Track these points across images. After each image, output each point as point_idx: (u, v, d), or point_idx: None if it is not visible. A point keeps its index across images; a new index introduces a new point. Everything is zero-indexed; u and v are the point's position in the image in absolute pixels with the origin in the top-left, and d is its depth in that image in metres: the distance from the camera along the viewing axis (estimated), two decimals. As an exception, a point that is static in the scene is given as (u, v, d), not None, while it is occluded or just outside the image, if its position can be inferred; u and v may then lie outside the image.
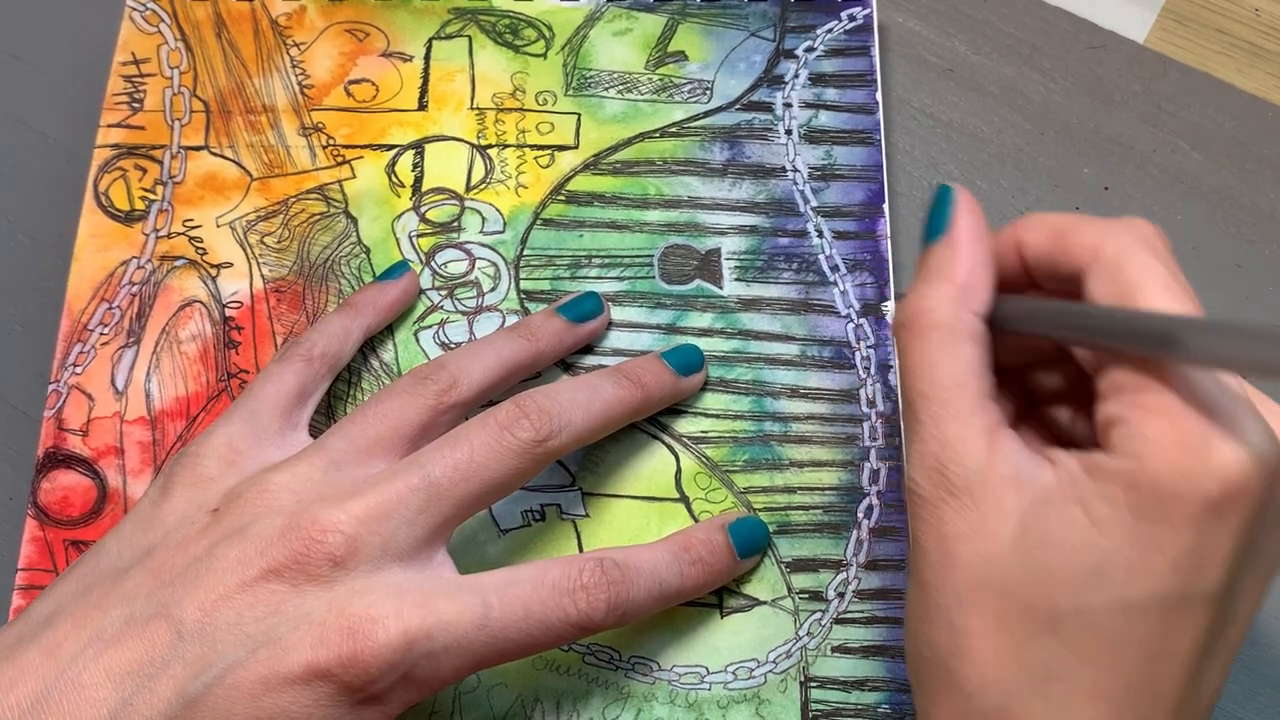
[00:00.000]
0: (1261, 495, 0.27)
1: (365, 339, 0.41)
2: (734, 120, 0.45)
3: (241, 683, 0.31)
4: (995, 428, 0.30)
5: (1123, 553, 0.28)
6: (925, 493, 0.31)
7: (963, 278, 0.32)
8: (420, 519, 0.33)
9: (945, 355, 0.31)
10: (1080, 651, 0.28)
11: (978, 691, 0.29)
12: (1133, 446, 0.28)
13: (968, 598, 0.29)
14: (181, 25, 0.46)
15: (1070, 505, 0.28)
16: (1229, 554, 0.27)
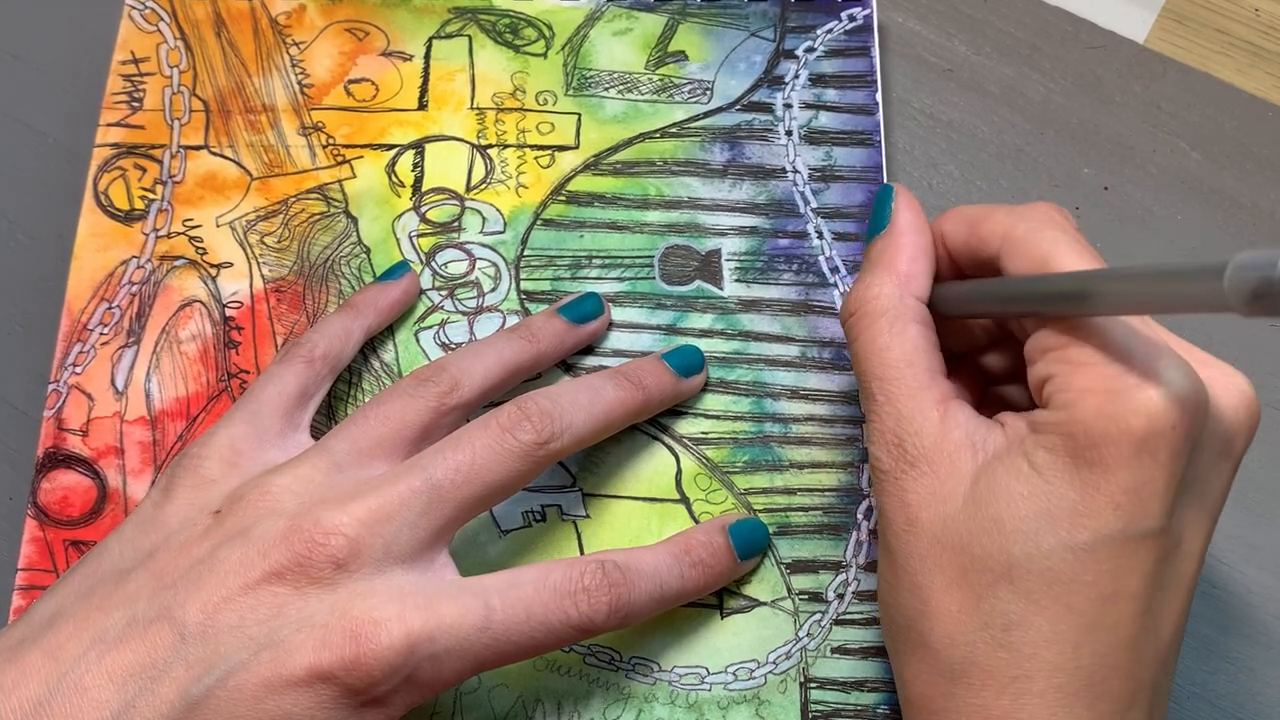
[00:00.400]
0: (1187, 428, 0.29)
1: (366, 339, 0.41)
2: (734, 121, 0.45)
3: (244, 685, 0.31)
4: (946, 400, 0.33)
5: (1066, 496, 0.30)
6: (886, 466, 0.33)
7: (904, 266, 0.35)
8: (422, 521, 0.33)
9: (893, 338, 0.34)
10: (1036, 597, 0.30)
11: (944, 647, 0.31)
12: (1063, 399, 0.30)
13: (929, 558, 0.31)
14: (181, 24, 0.46)
15: (1016, 458, 0.31)
16: (1165, 488, 0.29)
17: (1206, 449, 0.31)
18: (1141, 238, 0.45)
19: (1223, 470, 0.31)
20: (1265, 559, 0.41)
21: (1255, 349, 0.43)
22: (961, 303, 0.35)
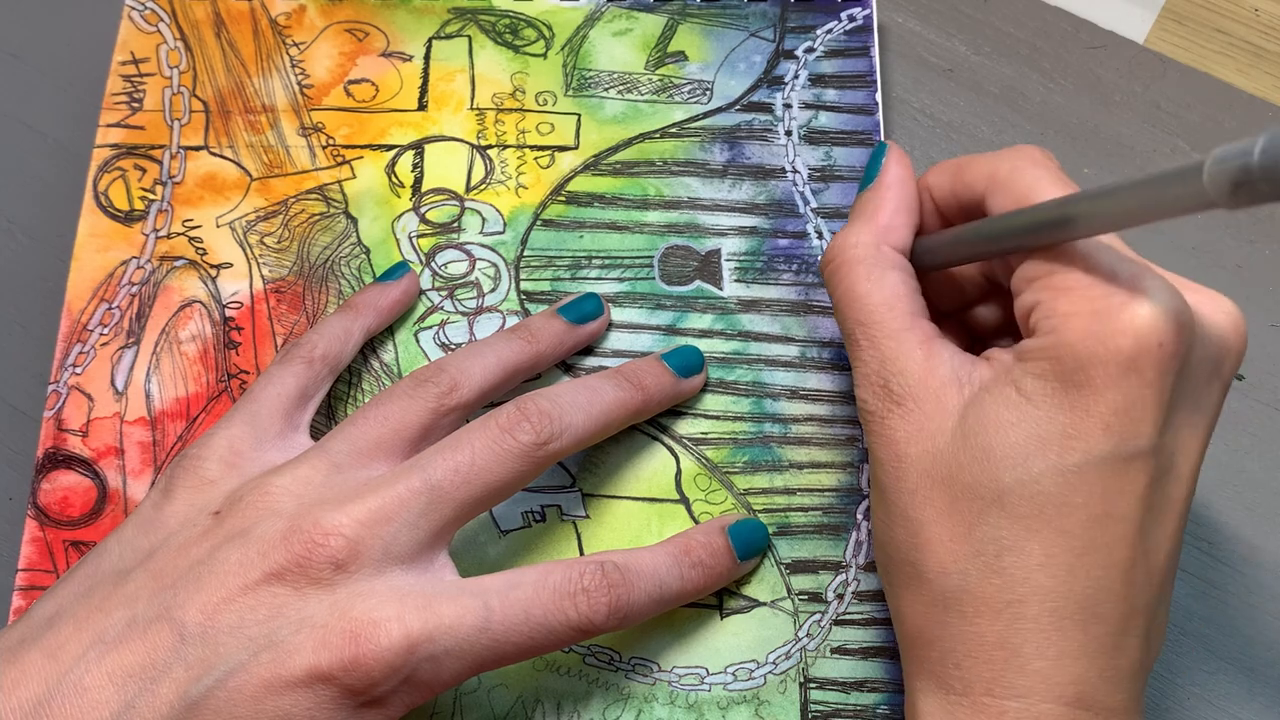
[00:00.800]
0: (1174, 347, 0.29)
1: (366, 340, 0.41)
2: (734, 121, 0.45)
3: (244, 686, 0.31)
4: (929, 339, 0.33)
5: (1055, 419, 0.30)
6: (873, 408, 0.33)
7: (884, 219, 0.36)
8: (422, 522, 0.33)
9: (872, 284, 0.34)
10: (1027, 522, 0.30)
11: (937, 576, 0.31)
12: (1050, 324, 0.30)
13: (920, 492, 0.32)
14: (181, 25, 0.46)
15: (1004, 387, 0.31)
16: (1154, 408, 0.29)
17: (1195, 370, 0.31)
18: (1142, 238, 0.45)
19: (1212, 391, 0.32)
20: (1265, 559, 0.41)
21: (1255, 349, 0.43)
22: (949, 250, 0.35)
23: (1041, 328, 0.31)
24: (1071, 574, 0.30)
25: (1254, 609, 0.40)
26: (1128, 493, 0.30)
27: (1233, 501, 0.41)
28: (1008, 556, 0.30)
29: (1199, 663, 0.40)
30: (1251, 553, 0.41)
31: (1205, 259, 0.44)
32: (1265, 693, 0.39)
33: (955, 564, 0.31)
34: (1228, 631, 0.40)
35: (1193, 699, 0.39)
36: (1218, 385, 0.32)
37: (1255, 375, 0.43)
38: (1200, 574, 0.41)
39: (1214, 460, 0.42)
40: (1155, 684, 0.39)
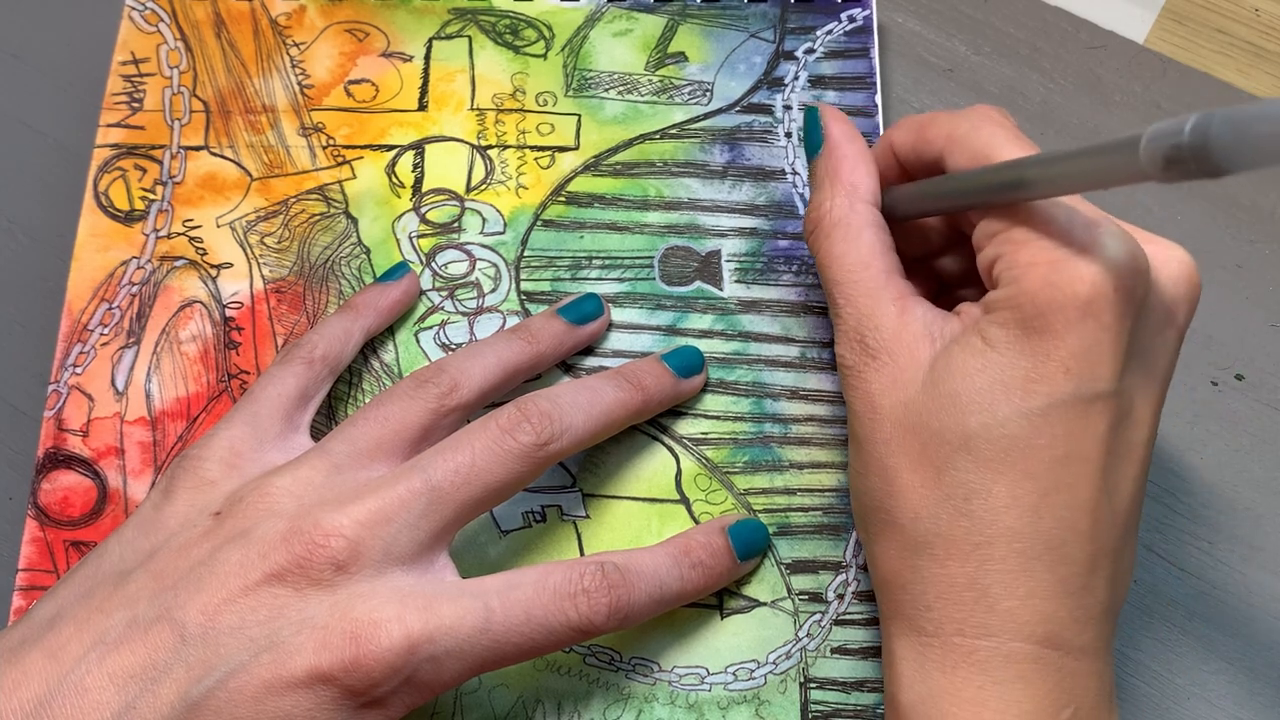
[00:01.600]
0: (1129, 290, 0.31)
1: (366, 340, 0.41)
2: (734, 122, 0.45)
3: (244, 687, 0.31)
4: (903, 296, 0.34)
5: (1018, 365, 0.31)
6: (850, 362, 0.35)
7: (847, 176, 0.37)
8: (422, 523, 0.33)
9: (849, 245, 0.35)
10: (993, 465, 0.31)
11: (909, 522, 0.32)
12: (1010, 275, 0.31)
13: (893, 441, 0.33)
14: (181, 25, 0.46)
15: (971, 337, 0.32)
16: (1112, 351, 0.31)
17: (1150, 318, 0.32)
18: (1141, 238, 0.45)
19: (1168, 339, 0.33)
20: (1265, 559, 0.41)
21: (1256, 349, 0.43)
22: (912, 203, 0.36)
23: (1003, 279, 0.32)
24: (1037, 515, 0.31)
25: (1254, 609, 0.40)
26: (1090, 434, 0.31)
27: (1233, 501, 0.41)
28: (975, 500, 0.31)
29: (1199, 663, 0.40)
30: (1251, 553, 0.41)
31: (1205, 259, 0.44)
32: (1265, 693, 0.39)
33: (926, 509, 0.32)
34: (1228, 631, 0.40)
35: (1193, 699, 0.39)
36: (1173, 333, 0.33)
37: (1255, 375, 0.43)
38: (1200, 574, 0.41)
39: (1214, 460, 0.42)
40: (1155, 684, 0.39)
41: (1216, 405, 0.43)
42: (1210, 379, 0.43)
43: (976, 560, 0.31)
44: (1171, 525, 0.41)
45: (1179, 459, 0.42)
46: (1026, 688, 0.31)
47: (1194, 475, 0.42)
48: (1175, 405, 0.42)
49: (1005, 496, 0.31)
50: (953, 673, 0.32)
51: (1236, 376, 0.43)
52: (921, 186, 0.36)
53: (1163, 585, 0.40)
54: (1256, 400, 0.43)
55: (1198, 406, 0.42)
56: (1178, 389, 0.43)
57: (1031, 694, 0.31)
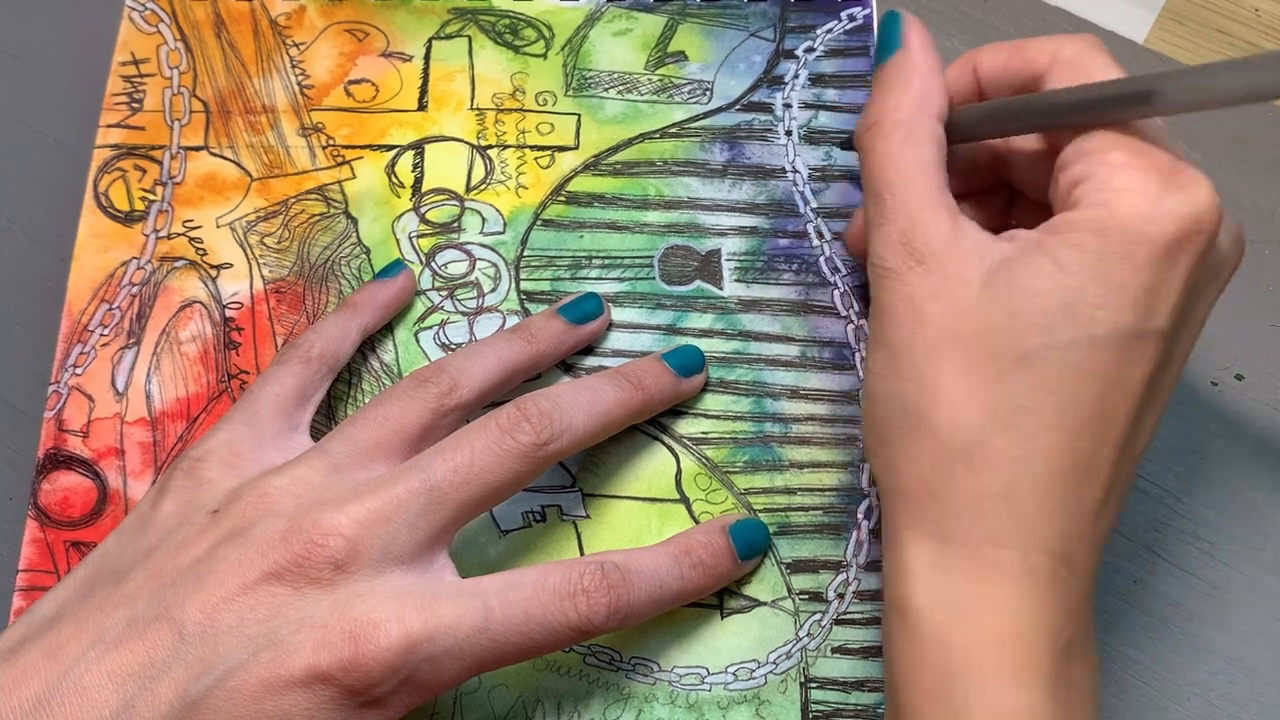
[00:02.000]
0: (1208, 241, 0.31)
1: (364, 338, 0.41)
2: (734, 121, 0.45)
3: (243, 685, 0.31)
4: (955, 212, 0.34)
5: (1089, 291, 0.31)
6: (892, 264, 0.34)
7: (919, 85, 0.35)
8: (421, 523, 0.33)
9: (909, 149, 0.34)
10: (1049, 384, 0.31)
11: (949, 430, 0.32)
12: (1101, 197, 0.31)
13: (940, 349, 0.32)
14: (181, 25, 0.46)
15: (1036, 256, 0.32)
16: (1177, 294, 0.31)
17: (1208, 269, 0.33)
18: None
19: (1211, 293, 0.34)
20: (1265, 559, 0.41)
21: (1255, 349, 0.43)
22: (993, 120, 0.35)
23: (1091, 200, 0.32)
24: (1077, 437, 0.31)
25: (1254, 609, 0.40)
26: (1138, 369, 0.32)
27: (1233, 501, 0.41)
28: (1023, 415, 0.31)
29: (1199, 663, 0.40)
30: (1251, 553, 0.41)
31: (1205, 259, 0.44)
32: (1265, 693, 0.39)
33: (970, 418, 0.32)
34: (1228, 631, 0.40)
35: (1193, 699, 0.39)
36: (1215, 289, 0.34)
37: (1255, 375, 0.43)
38: (1200, 574, 0.41)
39: (1214, 460, 0.42)
40: (1155, 684, 0.39)
41: (1216, 405, 0.43)
42: (1210, 379, 0.43)
43: (1014, 472, 0.31)
44: (1171, 525, 0.41)
45: (1179, 459, 0.42)
46: (1044, 600, 0.31)
47: (1194, 475, 0.42)
48: (1175, 405, 0.42)
49: (1053, 415, 0.31)
50: (976, 578, 0.32)
51: (1236, 376, 0.43)
52: (1010, 101, 0.35)
53: (1163, 585, 0.40)
54: (1256, 400, 0.43)
55: (1198, 406, 0.42)
56: (1178, 389, 0.43)
57: (1046, 608, 0.31)
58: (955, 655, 0.31)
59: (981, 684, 0.31)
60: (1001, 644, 0.31)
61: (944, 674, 0.32)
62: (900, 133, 0.35)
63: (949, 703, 0.31)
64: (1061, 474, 0.31)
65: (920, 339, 0.33)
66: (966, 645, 0.31)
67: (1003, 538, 0.32)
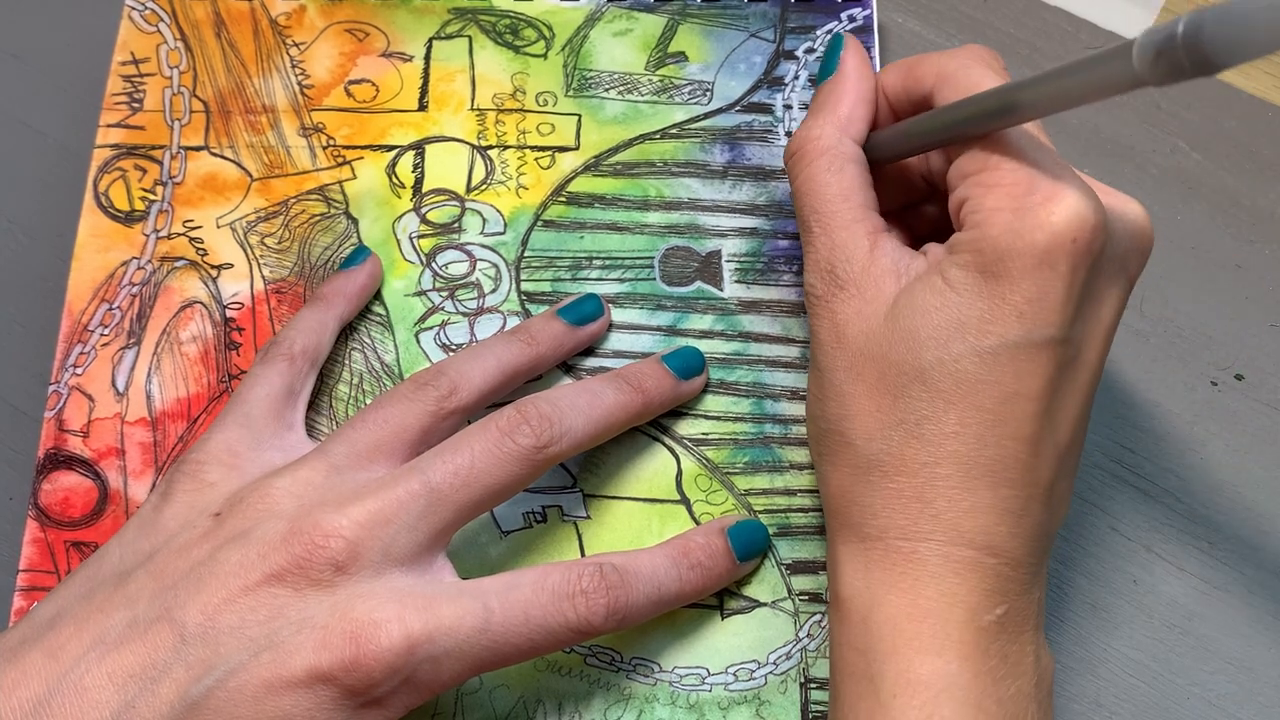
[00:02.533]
0: (1086, 243, 0.32)
1: (341, 328, 0.41)
2: (734, 122, 0.45)
3: (244, 686, 0.31)
4: (876, 232, 0.36)
5: (975, 306, 0.32)
6: (819, 291, 0.36)
7: (845, 110, 0.38)
8: (421, 524, 0.33)
9: (832, 175, 0.36)
10: (946, 395, 0.33)
11: (863, 442, 0.34)
12: (976, 218, 0.33)
13: (853, 369, 0.35)
14: (181, 25, 0.46)
15: (933, 277, 0.33)
16: (1064, 299, 0.32)
17: (1105, 268, 0.33)
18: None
19: (1119, 287, 0.34)
20: (1265, 559, 0.41)
21: (1255, 349, 0.43)
22: (896, 142, 0.37)
23: (969, 221, 0.33)
24: (982, 443, 0.33)
25: (1254, 609, 0.40)
26: (1037, 375, 0.32)
27: (1233, 501, 0.41)
28: (927, 425, 0.33)
29: (1199, 662, 0.40)
30: (1251, 553, 0.41)
31: (1205, 258, 0.44)
32: (1265, 693, 0.39)
33: (880, 431, 0.34)
34: (1228, 631, 0.40)
35: (1192, 699, 0.39)
36: (1125, 282, 0.35)
37: (1255, 375, 0.43)
38: (1200, 574, 0.41)
39: (1214, 460, 0.42)
40: (1155, 684, 0.39)
41: (1216, 405, 0.43)
42: (1210, 379, 0.43)
43: (925, 477, 0.33)
44: (1171, 525, 0.41)
45: (1179, 459, 0.42)
46: (963, 582, 0.33)
47: (1194, 475, 0.42)
48: (1175, 405, 0.43)
49: (955, 424, 0.33)
50: (893, 568, 0.33)
51: (1236, 376, 0.43)
52: (910, 123, 0.36)
53: (1163, 585, 0.40)
54: (1256, 400, 0.43)
55: (1198, 406, 0.43)
56: (1178, 389, 0.43)
57: (967, 588, 0.33)
58: (872, 632, 0.33)
59: (894, 654, 0.32)
60: (916, 619, 0.33)
61: (863, 650, 0.33)
62: (823, 160, 0.37)
63: (867, 674, 0.33)
64: (972, 475, 0.33)
65: (841, 360, 0.35)
66: (882, 623, 0.33)
67: (919, 533, 0.33)
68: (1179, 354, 0.43)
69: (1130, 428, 0.42)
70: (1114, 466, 0.42)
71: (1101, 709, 0.39)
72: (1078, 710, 0.39)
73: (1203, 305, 0.44)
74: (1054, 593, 0.40)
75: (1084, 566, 0.41)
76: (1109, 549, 0.41)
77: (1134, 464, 0.42)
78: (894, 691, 0.32)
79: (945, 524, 0.33)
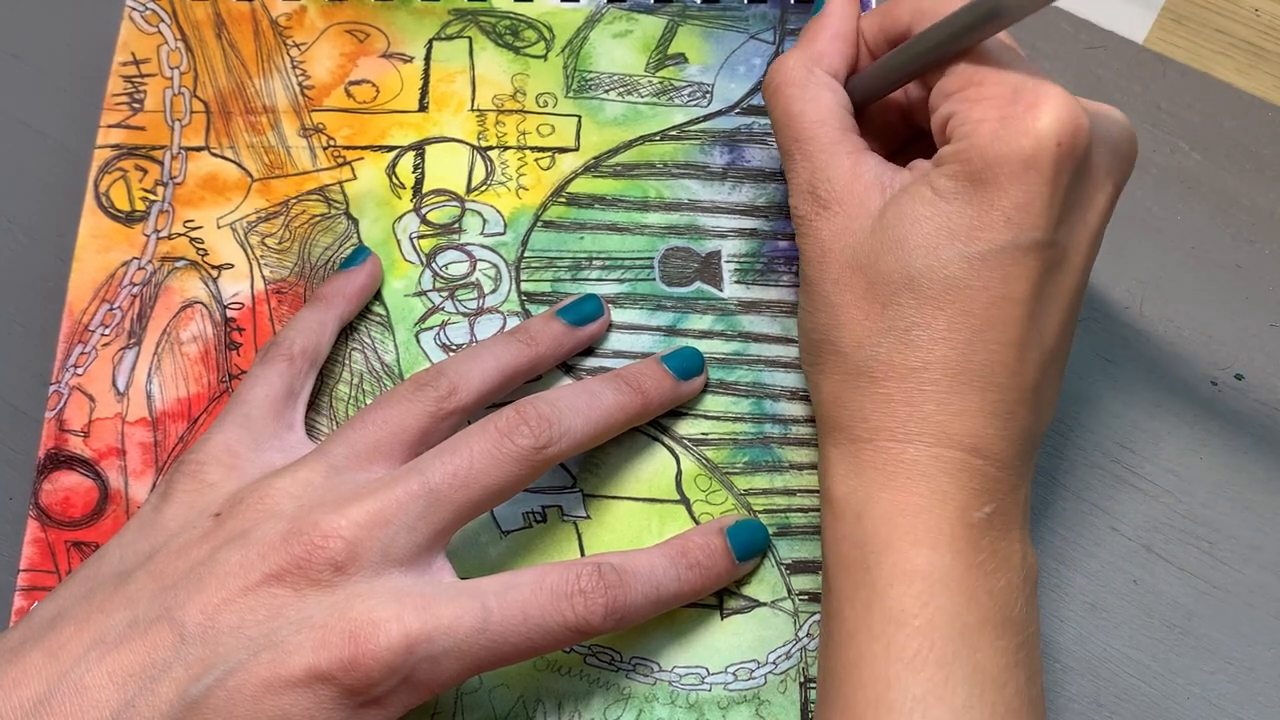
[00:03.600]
0: (1069, 148, 0.33)
1: (341, 328, 0.41)
2: (734, 124, 0.45)
3: (243, 685, 0.31)
4: (857, 151, 0.37)
5: (963, 213, 0.34)
6: (803, 212, 0.37)
7: (820, 45, 0.39)
8: (420, 525, 0.33)
9: (806, 103, 0.37)
10: (935, 300, 0.34)
11: (853, 349, 0.35)
12: (963, 130, 0.34)
13: (841, 281, 0.36)
14: (181, 25, 0.46)
15: (921, 187, 0.34)
16: (1049, 204, 0.33)
17: (1090, 175, 0.34)
18: (1141, 237, 0.45)
19: (1104, 194, 0.35)
20: (1265, 559, 0.41)
21: (1255, 349, 0.43)
22: (879, 78, 0.38)
23: (956, 135, 0.34)
24: (970, 347, 0.34)
25: (1254, 609, 0.40)
26: (1024, 279, 0.33)
27: (1233, 501, 0.41)
28: (916, 331, 0.34)
29: (1199, 663, 0.40)
30: (1251, 553, 0.41)
31: (1205, 259, 0.44)
32: (1265, 693, 0.39)
33: (869, 338, 0.35)
34: (1228, 631, 0.40)
35: (1193, 699, 0.39)
36: (1110, 189, 0.35)
37: (1255, 375, 0.43)
38: (1200, 574, 0.41)
39: (1214, 460, 0.42)
40: (1155, 684, 0.39)
41: (1216, 405, 0.43)
42: (1210, 379, 0.43)
43: (914, 381, 0.34)
44: (1171, 525, 0.41)
45: (1179, 459, 0.42)
46: (953, 480, 0.34)
47: (1194, 475, 0.42)
48: (1175, 405, 0.43)
49: (943, 329, 0.34)
50: (883, 468, 0.34)
51: (1236, 376, 0.43)
52: (886, 58, 0.38)
53: (1163, 585, 0.40)
54: (1256, 400, 0.43)
55: (1198, 406, 0.43)
56: (1178, 389, 0.43)
57: (957, 486, 0.34)
58: (867, 528, 0.34)
59: (890, 547, 0.33)
60: (910, 514, 0.34)
61: (858, 544, 0.34)
62: (794, 90, 0.38)
63: (863, 566, 0.34)
64: (960, 379, 0.34)
65: (828, 274, 0.36)
66: (877, 519, 0.34)
67: (908, 435, 0.34)
68: (1179, 354, 0.43)
69: (1130, 428, 0.42)
70: (1114, 466, 0.42)
71: (1101, 709, 0.39)
72: (1078, 710, 0.39)
73: (1203, 305, 0.44)
74: (1054, 593, 0.40)
75: (1084, 566, 0.41)
76: (1109, 549, 0.41)
77: (1134, 464, 0.42)
78: (890, 581, 0.33)
79: (934, 427, 0.34)
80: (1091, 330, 0.44)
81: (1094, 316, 0.44)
